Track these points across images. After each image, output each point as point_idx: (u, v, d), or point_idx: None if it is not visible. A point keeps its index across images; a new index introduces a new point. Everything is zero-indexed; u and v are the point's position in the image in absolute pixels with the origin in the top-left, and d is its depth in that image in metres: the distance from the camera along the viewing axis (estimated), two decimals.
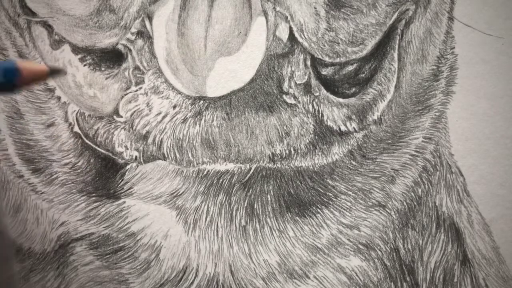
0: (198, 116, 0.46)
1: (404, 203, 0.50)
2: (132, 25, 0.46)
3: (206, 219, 0.48)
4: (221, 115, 0.46)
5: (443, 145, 0.50)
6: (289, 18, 0.46)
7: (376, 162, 0.49)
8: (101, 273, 0.50)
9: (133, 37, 0.47)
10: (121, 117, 0.47)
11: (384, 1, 0.48)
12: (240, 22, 0.46)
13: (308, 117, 0.47)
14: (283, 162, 0.47)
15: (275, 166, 0.48)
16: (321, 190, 0.49)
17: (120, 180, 0.49)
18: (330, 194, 0.49)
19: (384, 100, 0.49)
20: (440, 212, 0.50)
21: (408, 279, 0.49)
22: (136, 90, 0.47)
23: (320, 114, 0.48)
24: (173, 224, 0.49)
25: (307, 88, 0.47)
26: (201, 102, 0.46)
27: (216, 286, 0.48)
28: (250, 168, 0.48)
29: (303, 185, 0.49)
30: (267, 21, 0.46)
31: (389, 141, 0.50)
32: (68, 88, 0.49)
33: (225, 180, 0.48)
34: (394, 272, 0.49)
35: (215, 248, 0.48)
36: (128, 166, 0.49)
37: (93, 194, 0.49)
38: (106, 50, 0.48)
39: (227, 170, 0.48)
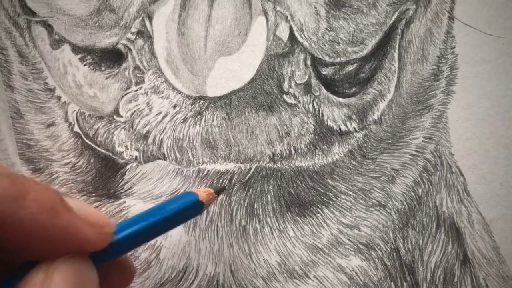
0: (198, 116, 0.46)
1: (404, 203, 0.50)
2: (132, 25, 0.46)
3: (206, 219, 0.48)
4: (221, 115, 0.46)
5: (443, 145, 0.50)
6: (289, 17, 0.46)
7: (376, 162, 0.49)
8: None
9: (133, 37, 0.47)
10: (121, 116, 0.47)
11: (385, 0, 0.48)
12: (240, 21, 0.46)
13: (308, 117, 0.47)
14: (283, 162, 0.47)
15: (275, 166, 0.48)
16: (321, 190, 0.49)
17: (120, 180, 0.49)
18: (330, 194, 0.49)
19: (384, 100, 0.49)
20: (441, 212, 0.50)
21: (408, 279, 0.49)
22: (136, 90, 0.47)
23: (321, 114, 0.48)
24: None
25: (307, 87, 0.47)
26: (201, 101, 0.46)
27: (216, 286, 0.48)
28: (250, 168, 0.48)
29: (303, 185, 0.49)
30: (267, 21, 0.46)
31: (390, 141, 0.50)
32: (68, 87, 0.49)
33: (225, 180, 0.48)
34: (395, 272, 0.49)
35: (215, 248, 0.48)
36: (128, 166, 0.49)
37: (93, 194, 0.49)
38: (106, 50, 0.48)
39: (227, 170, 0.48)
